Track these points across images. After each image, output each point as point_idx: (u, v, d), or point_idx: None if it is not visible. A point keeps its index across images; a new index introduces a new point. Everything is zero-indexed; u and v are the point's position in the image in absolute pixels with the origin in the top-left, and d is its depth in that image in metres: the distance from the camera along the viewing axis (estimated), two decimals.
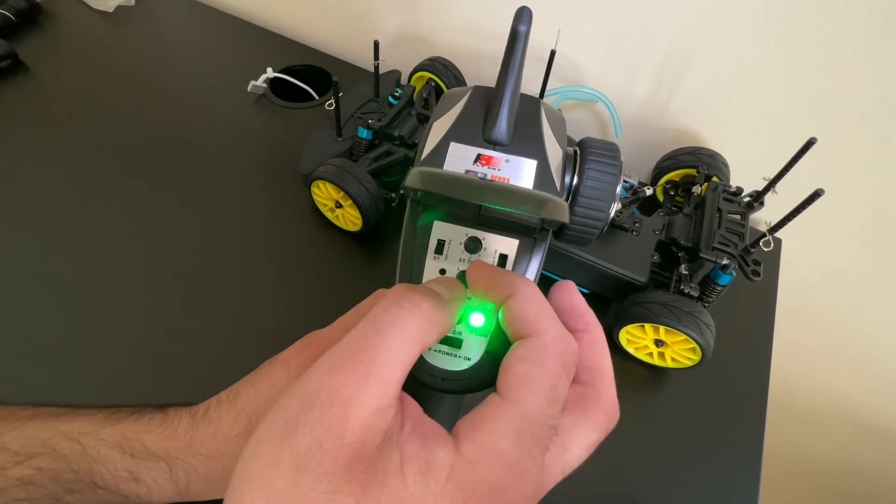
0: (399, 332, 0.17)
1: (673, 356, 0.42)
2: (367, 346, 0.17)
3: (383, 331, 0.17)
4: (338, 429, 0.15)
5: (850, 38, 0.42)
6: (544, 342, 0.18)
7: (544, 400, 0.17)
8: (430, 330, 0.18)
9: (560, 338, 0.18)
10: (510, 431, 0.16)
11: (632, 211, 0.45)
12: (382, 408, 0.16)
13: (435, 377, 0.21)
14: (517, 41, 0.20)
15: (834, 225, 0.54)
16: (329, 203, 0.48)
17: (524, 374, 0.17)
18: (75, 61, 0.65)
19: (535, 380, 0.17)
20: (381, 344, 0.17)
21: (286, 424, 0.15)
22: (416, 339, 0.18)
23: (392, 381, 0.17)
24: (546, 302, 0.19)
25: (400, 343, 0.17)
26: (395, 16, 0.64)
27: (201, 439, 0.27)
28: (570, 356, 0.18)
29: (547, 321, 0.19)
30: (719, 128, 0.54)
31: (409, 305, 0.18)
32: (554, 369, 0.18)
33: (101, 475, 0.27)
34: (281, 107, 0.62)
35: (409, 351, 0.17)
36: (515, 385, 0.17)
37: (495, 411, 0.17)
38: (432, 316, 0.18)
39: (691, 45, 0.49)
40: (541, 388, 0.17)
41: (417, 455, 0.16)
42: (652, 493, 0.38)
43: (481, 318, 0.21)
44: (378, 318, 0.18)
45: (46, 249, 0.47)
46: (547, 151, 0.22)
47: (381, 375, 0.16)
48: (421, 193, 0.21)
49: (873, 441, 0.75)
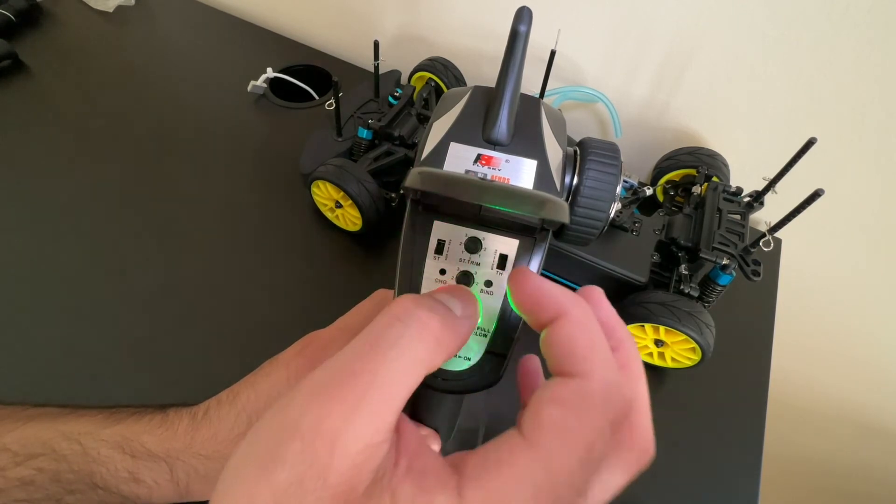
0: (401, 357, 0.15)
1: (673, 356, 0.42)
2: (361, 372, 0.14)
3: (384, 353, 0.15)
4: (321, 466, 0.13)
5: (850, 38, 0.42)
6: (591, 388, 0.15)
7: (577, 459, 0.14)
8: (438, 354, 0.16)
9: (612, 386, 0.15)
10: (529, 486, 0.14)
11: (632, 211, 0.45)
12: (374, 443, 0.14)
13: (435, 377, 0.21)
14: (517, 41, 0.20)
15: (834, 225, 0.54)
16: (329, 203, 0.48)
17: (559, 421, 0.14)
18: (75, 61, 0.65)
19: (571, 432, 0.14)
20: (378, 369, 0.14)
21: (265, 455, 0.14)
22: (421, 365, 0.15)
23: (388, 412, 0.14)
24: (600, 332, 0.16)
25: (401, 369, 0.15)
26: (395, 16, 0.64)
27: (201, 440, 0.27)
28: (619, 411, 0.15)
29: (599, 361, 0.16)
30: (719, 128, 0.54)
31: (417, 325, 0.15)
32: (596, 424, 0.15)
33: (101, 476, 0.27)
34: (281, 107, 0.62)
35: (410, 378, 0.15)
36: (546, 431, 0.14)
37: (515, 456, 0.14)
38: (441, 338, 0.16)
39: (691, 45, 0.49)
40: (576, 443, 0.14)
41: (412, 500, 0.14)
42: (652, 493, 0.38)
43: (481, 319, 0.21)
44: (378, 336, 0.15)
45: (46, 249, 0.47)
46: (547, 151, 0.22)
47: (374, 407, 0.14)
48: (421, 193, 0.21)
49: (873, 441, 0.75)
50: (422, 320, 0.15)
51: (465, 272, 0.22)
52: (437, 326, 0.16)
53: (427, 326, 0.15)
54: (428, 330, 0.15)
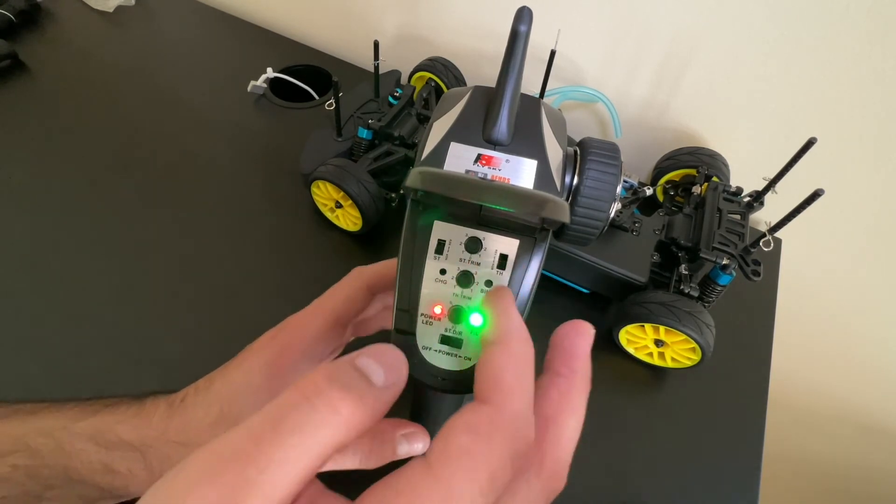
0: (303, 443, 0.14)
1: (673, 356, 0.42)
2: (257, 455, 0.13)
3: (283, 438, 0.14)
4: None
5: (850, 38, 0.42)
6: (500, 418, 0.15)
7: (477, 488, 0.14)
8: (346, 436, 0.15)
9: (520, 419, 0.15)
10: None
11: (632, 211, 0.45)
12: None
13: (435, 377, 0.21)
14: (517, 41, 0.20)
15: (834, 225, 0.54)
16: (329, 203, 0.48)
17: (465, 447, 0.14)
18: (75, 61, 0.65)
19: (474, 459, 0.14)
20: (274, 455, 0.13)
21: None
22: (325, 449, 0.14)
23: (283, 498, 0.13)
24: (529, 373, 0.17)
25: (299, 455, 0.14)
26: (395, 16, 0.64)
27: (175, 427, 0.27)
28: (523, 444, 0.15)
29: (516, 395, 0.16)
30: (719, 128, 0.54)
31: (325, 409, 0.14)
32: (501, 455, 0.14)
33: (76, 469, 0.27)
34: (281, 107, 0.62)
35: (311, 463, 0.14)
36: (450, 458, 0.14)
37: (415, 485, 0.14)
38: (351, 420, 0.15)
39: (691, 45, 0.49)
40: (479, 471, 0.14)
41: None
42: (652, 493, 0.38)
43: (481, 318, 0.21)
44: (281, 417, 0.14)
45: (45, 248, 0.47)
46: (547, 151, 0.22)
47: (266, 495, 0.13)
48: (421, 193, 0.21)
49: (873, 441, 0.75)
50: (332, 404, 0.14)
51: (465, 272, 0.22)
52: (349, 409, 0.15)
53: (337, 411, 0.14)
54: (338, 415, 0.14)
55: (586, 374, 0.19)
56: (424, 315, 0.22)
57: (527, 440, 0.16)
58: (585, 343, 0.19)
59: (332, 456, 0.15)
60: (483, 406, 0.15)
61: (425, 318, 0.22)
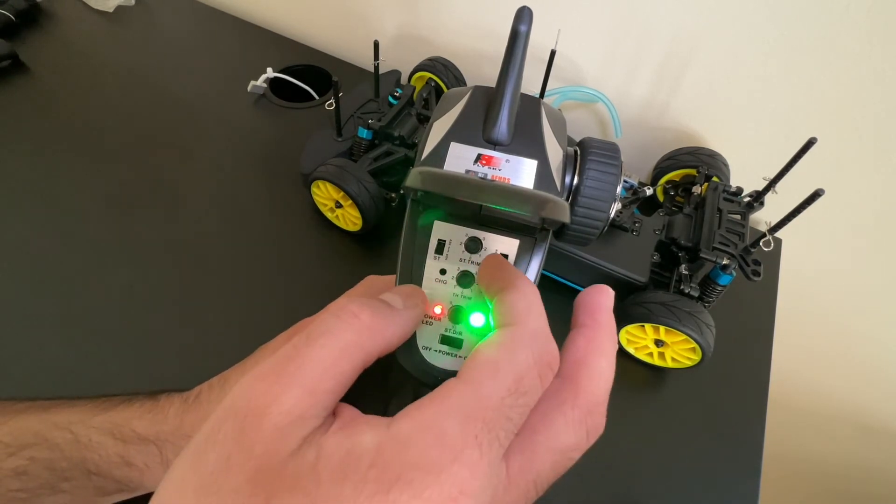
0: (332, 342, 0.16)
1: (673, 356, 0.42)
2: (295, 356, 0.15)
3: (315, 340, 0.16)
4: (248, 440, 0.14)
5: (850, 38, 0.42)
6: (521, 332, 0.17)
7: (505, 387, 0.15)
8: (370, 340, 0.17)
9: (541, 335, 0.17)
10: (458, 410, 0.14)
11: (632, 211, 0.45)
12: (306, 417, 0.15)
13: (435, 377, 0.21)
14: (517, 41, 0.20)
15: (834, 225, 0.54)
16: (329, 203, 0.48)
17: (490, 358, 0.16)
18: (75, 61, 0.65)
19: (500, 365, 0.16)
20: (309, 353, 0.15)
21: (200, 443, 0.14)
22: (352, 349, 0.16)
23: (321, 390, 0.15)
24: (539, 303, 0.18)
25: (331, 353, 0.16)
26: (395, 16, 0.64)
27: (190, 422, 0.28)
28: (546, 355, 0.16)
29: (533, 316, 0.17)
30: (719, 128, 0.54)
31: (346, 315, 0.17)
32: (525, 360, 0.16)
33: (93, 462, 0.27)
34: (281, 107, 0.62)
35: (342, 361, 0.16)
36: (477, 367, 0.16)
37: (447, 391, 0.15)
38: (372, 325, 0.17)
39: (691, 45, 0.49)
40: (505, 374, 0.15)
41: (338, 447, 0.14)
42: (652, 493, 0.38)
43: (481, 318, 0.21)
44: (312, 328, 0.16)
45: (45, 249, 0.47)
46: (547, 151, 0.22)
47: (306, 384, 0.15)
48: (421, 193, 0.21)
49: (873, 442, 0.75)
50: (352, 311, 0.17)
51: (465, 272, 0.22)
52: (368, 316, 0.17)
53: (357, 316, 0.17)
54: (358, 319, 0.17)
55: (611, 324, 0.19)
56: (425, 315, 0.22)
57: (549, 351, 0.17)
58: (607, 299, 0.20)
59: (362, 360, 0.16)
60: (503, 328, 0.17)
61: (425, 318, 0.22)
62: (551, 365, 0.17)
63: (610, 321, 0.19)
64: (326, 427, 0.15)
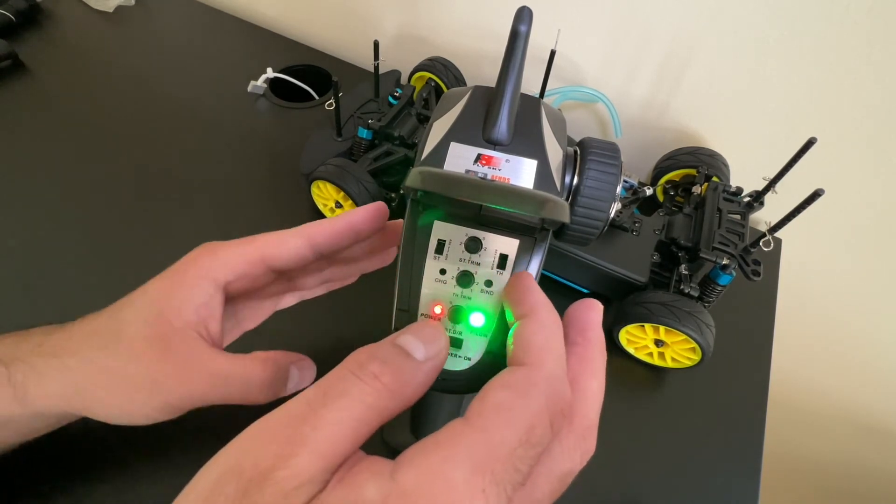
0: (350, 406, 0.15)
1: (673, 356, 0.42)
2: (310, 416, 0.15)
3: (333, 402, 0.15)
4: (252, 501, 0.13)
5: (850, 38, 0.42)
6: (537, 376, 0.16)
7: (517, 437, 0.14)
8: (391, 403, 0.16)
9: (556, 380, 0.16)
10: (467, 460, 0.14)
11: (632, 211, 0.45)
12: (315, 482, 0.14)
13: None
14: (517, 41, 0.20)
15: (834, 225, 0.54)
16: (329, 203, 0.48)
17: (503, 402, 0.15)
18: (75, 61, 0.65)
19: (514, 412, 0.15)
20: (326, 416, 0.15)
21: (203, 494, 0.14)
22: (372, 415, 0.15)
23: (333, 454, 0.14)
24: (559, 336, 0.17)
25: (349, 417, 0.15)
26: (395, 16, 0.64)
27: (54, 341, 0.27)
28: (560, 402, 0.16)
29: (550, 356, 0.16)
30: (719, 128, 0.54)
31: (367, 377, 0.16)
32: (538, 407, 0.15)
33: None
34: (281, 107, 0.62)
35: (360, 427, 0.15)
36: (489, 412, 0.15)
37: (454, 437, 0.14)
38: (394, 390, 0.16)
39: (691, 45, 0.49)
40: (518, 423, 0.15)
41: (342, 500, 0.14)
42: (652, 493, 0.38)
43: (481, 318, 0.21)
44: (329, 386, 0.16)
45: (46, 249, 0.47)
46: (547, 151, 0.22)
47: (319, 449, 0.14)
48: (421, 193, 0.21)
49: (873, 441, 0.75)
50: (373, 373, 0.16)
51: (465, 272, 0.22)
52: (391, 379, 0.16)
53: (379, 378, 0.16)
54: (380, 382, 0.16)
55: (601, 341, 0.20)
56: (424, 315, 0.22)
57: (564, 398, 0.16)
58: (596, 315, 0.20)
59: (380, 422, 0.16)
60: (518, 367, 0.16)
61: (425, 318, 0.22)
62: (564, 412, 0.16)
63: (600, 338, 0.20)
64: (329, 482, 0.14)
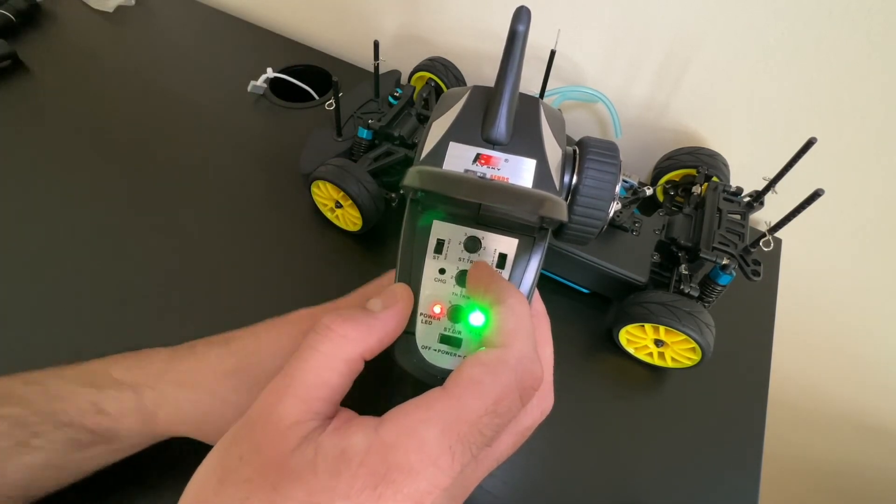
0: (314, 355, 0.18)
1: (673, 356, 0.42)
2: (287, 372, 0.19)
3: (301, 355, 0.19)
4: (257, 441, 0.17)
5: (850, 38, 0.42)
6: (507, 355, 0.18)
7: (483, 407, 0.17)
8: (350, 348, 0.19)
9: (526, 359, 0.18)
10: (438, 422, 0.16)
11: (632, 211, 0.45)
12: (301, 421, 0.17)
13: (434, 376, 0.21)
14: (516, 41, 0.20)
15: (834, 225, 0.54)
16: (329, 203, 0.48)
17: (475, 377, 0.17)
18: (75, 61, 0.65)
19: (483, 385, 0.17)
20: (298, 366, 0.18)
21: (226, 443, 0.18)
22: (333, 360, 0.19)
23: (311, 398, 0.18)
24: (528, 321, 0.19)
25: (315, 364, 0.18)
26: (395, 16, 0.64)
27: (179, 369, 0.28)
28: (529, 380, 0.18)
29: (520, 338, 0.18)
30: (719, 128, 0.54)
31: (323, 330, 0.19)
32: (506, 383, 0.17)
33: (64, 412, 0.27)
34: (281, 107, 0.62)
35: (325, 372, 0.18)
36: (463, 383, 0.17)
37: (430, 401, 0.17)
38: (348, 335, 0.19)
39: (691, 45, 0.49)
40: (486, 395, 0.17)
41: (333, 446, 0.17)
42: (652, 493, 0.38)
43: (481, 318, 0.21)
44: (300, 346, 0.19)
45: (45, 249, 0.47)
46: (546, 151, 0.22)
47: (298, 394, 0.18)
48: (420, 193, 0.21)
49: (873, 441, 0.75)
50: (326, 325, 0.19)
51: (464, 272, 0.22)
52: (343, 326, 0.19)
53: (331, 328, 0.19)
54: (332, 331, 0.19)
55: (545, 312, 0.23)
56: (424, 314, 0.22)
57: (534, 375, 0.18)
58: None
59: (346, 367, 0.19)
60: (491, 350, 0.18)
61: (425, 318, 0.22)
62: (534, 386, 0.18)
63: (544, 310, 0.23)
64: (324, 428, 0.18)
